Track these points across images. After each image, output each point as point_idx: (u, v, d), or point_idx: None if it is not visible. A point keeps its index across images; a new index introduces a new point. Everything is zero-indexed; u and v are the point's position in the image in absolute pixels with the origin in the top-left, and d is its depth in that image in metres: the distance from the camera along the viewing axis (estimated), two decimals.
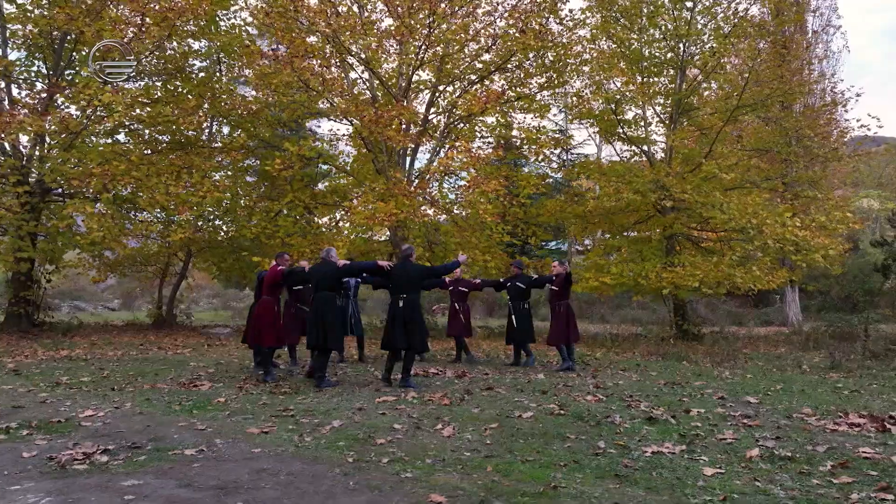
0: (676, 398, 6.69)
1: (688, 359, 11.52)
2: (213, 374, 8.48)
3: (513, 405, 6.13)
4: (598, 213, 15.53)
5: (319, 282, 7.53)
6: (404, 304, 7.31)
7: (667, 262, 14.36)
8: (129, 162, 13.10)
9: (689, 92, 15.64)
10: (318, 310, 7.38)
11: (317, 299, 7.48)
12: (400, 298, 7.34)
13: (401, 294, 7.36)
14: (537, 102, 17.38)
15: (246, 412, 5.64)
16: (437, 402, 6.27)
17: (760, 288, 13.81)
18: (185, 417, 5.37)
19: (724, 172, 13.44)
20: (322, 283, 7.49)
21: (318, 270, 7.67)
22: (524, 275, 10.07)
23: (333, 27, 14.06)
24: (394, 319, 7.30)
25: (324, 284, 7.48)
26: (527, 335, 9.93)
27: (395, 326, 7.24)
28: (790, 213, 13.81)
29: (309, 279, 7.84)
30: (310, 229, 16.84)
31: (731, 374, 9.38)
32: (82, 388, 7.04)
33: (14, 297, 14.91)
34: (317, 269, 7.77)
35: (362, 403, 6.16)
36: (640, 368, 9.91)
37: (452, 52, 15.66)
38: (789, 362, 11.42)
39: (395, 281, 7.50)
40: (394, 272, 7.56)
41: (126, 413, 5.58)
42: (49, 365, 9.16)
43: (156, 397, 6.45)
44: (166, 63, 16.79)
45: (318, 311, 7.38)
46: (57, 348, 11.38)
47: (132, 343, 12.55)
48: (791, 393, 7.32)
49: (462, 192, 14.00)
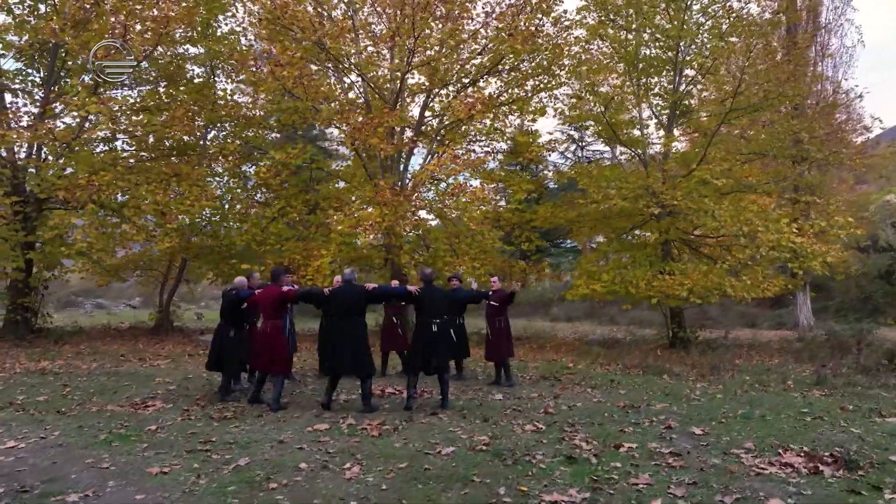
0: (619, 428, 6.46)
1: (670, 372, 11.22)
2: (171, 392, 8.50)
3: (442, 437, 5.98)
4: (592, 218, 15.22)
5: (344, 306, 7.22)
6: (439, 329, 7.36)
7: (658, 270, 14.01)
8: (115, 172, 13.21)
9: (686, 93, 15.20)
10: (340, 335, 7.12)
11: (339, 324, 7.17)
12: (433, 323, 7.34)
13: (433, 319, 7.36)
14: (533, 105, 17.11)
15: (165, 445, 5.59)
16: (369, 431, 6.17)
17: (755, 296, 13.36)
18: (98, 452, 5.34)
19: (716, 178, 13.01)
20: (347, 308, 7.20)
21: (342, 293, 7.33)
22: (462, 289, 9.91)
23: (319, 34, 13.99)
24: (430, 346, 7.27)
25: (350, 310, 7.19)
26: (464, 351, 9.79)
27: (434, 352, 7.28)
28: (787, 220, 13.35)
29: (328, 301, 7.40)
30: (307, 233, 16.84)
31: (703, 392, 9.09)
32: (28, 411, 7.09)
33: (12, 304, 15.22)
34: (340, 291, 7.38)
35: (291, 432, 6.08)
36: (612, 385, 9.67)
37: (443, 55, 15.48)
38: (775, 377, 11.04)
39: (426, 306, 7.44)
40: (422, 296, 7.47)
41: (46, 445, 5.58)
42: (18, 380, 9.29)
43: (92, 423, 6.45)
44: (160, 70, 16.94)
45: (339, 337, 7.12)
46: (39, 359, 11.56)
47: (116, 353, 12.69)
48: (748, 420, 7.03)
49: (445, 198, 13.79)
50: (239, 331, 7.97)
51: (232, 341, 7.87)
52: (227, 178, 17.99)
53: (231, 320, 8.00)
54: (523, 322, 28.86)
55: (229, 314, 8.04)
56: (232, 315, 8.00)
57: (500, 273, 16.72)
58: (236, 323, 7.97)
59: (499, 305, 9.46)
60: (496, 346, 9.44)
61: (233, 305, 7.97)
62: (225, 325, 8.02)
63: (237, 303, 7.91)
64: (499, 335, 9.39)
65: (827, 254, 13.38)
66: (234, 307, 7.95)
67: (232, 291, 8.14)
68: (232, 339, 7.88)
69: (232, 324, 7.98)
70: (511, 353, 9.67)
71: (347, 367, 7.13)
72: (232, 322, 7.98)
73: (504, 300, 9.43)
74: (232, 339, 7.88)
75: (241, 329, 8.00)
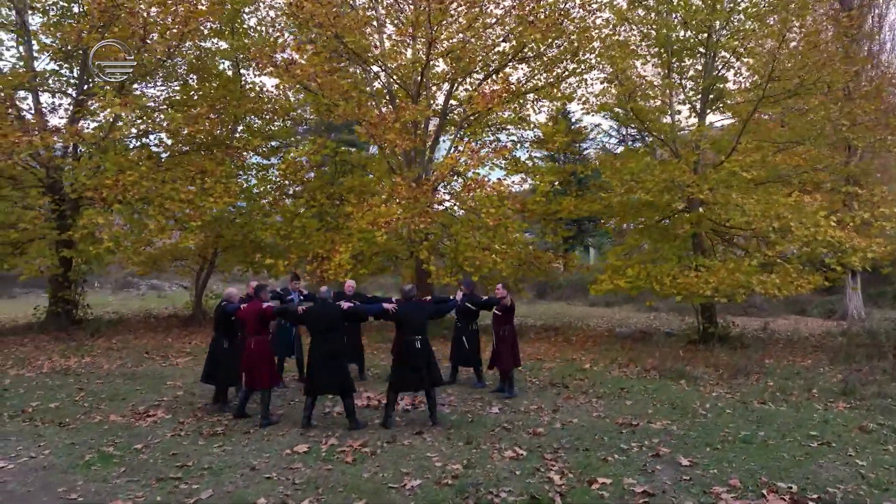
0: (604, 456, 6.25)
1: (689, 376, 10.83)
2: (177, 398, 8.72)
3: (416, 465, 5.91)
4: (617, 211, 14.73)
5: (318, 324, 7.22)
6: (422, 346, 7.27)
7: (685, 265, 13.49)
8: (139, 171, 13.53)
9: (719, 78, 14.40)
10: (320, 356, 7.11)
11: (316, 343, 7.18)
12: (416, 340, 7.27)
13: (415, 336, 7.29)
14: (561, 91, 16.59)
15: (141, 470, 5.72)
16: (345, 456, 6.16)
17: (786, 294, 12.68)
18: (75, 478, 5.50)
19: (746, 171, 12.32)
20: (321, 327, 7.19)
21: (317, 312, 7.31)
22: (474, 294, 9.73)
23: (338, 28, 13.84)
24: (413, 364, 7.19)
25: (325, 328, 7.18)
26: (477, 357, 9.64)
27: (419, 371, 7.18)
28: (824, 213, 12.57)
29: (303, 321, 7.44)
30: (335, 224, 16.91)
31: (714, 404, 8.72)
32: (34, 421, 7.40)
33: (53, 297, 15.96)
34: (315, 310, 7.37)
35: (269, 455, 6.14)
36: (619, 394, 9.40)
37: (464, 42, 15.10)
38: (801, 383, 10.52)
39: (406, 323, 7.36)
40: (402, 314, 7.41)
41: (33, 467, 5.79)
42: (41, 381, 9.73)
43: (85, 439, 6.67)
44: (189, 65, 17.19)
45: (319, 357, 7.12)
46: (70, 355, 12.08)
47: (143, 348, 13.12)
48: (747, 446, 6.69)
49: (462, 192, 13.55)
50: (232, 343, 8.08)
51: (226, 353, 8.00)
52: (255, 171, 18.20)
53: (224, 332, 8.12)
54: (561, 306, 28.54)
55: (222, 326, 8.16)
56: (224, 327, 8.11)
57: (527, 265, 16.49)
58: (229, 335, 8.08)
59: (502, 314, 9.28)
60: (498, 356, 9.27)
61: (224, 318, 8.07)
62: (218, 338, 8.15)
63: (226, 315, 8.01)
64: (502, 345, 9.21)
65: (869, 248, 12.56)
66: (226, 319, 8.05)
67: (223, 303, 8.22)
68: (226, 351, 8.02)
69: (225, 336, 8.10)
70: (516, 363, 9.46)
71: (326, 385, 7.12)
72: (225, 334, 8.10)
73: (505, 309, 9.23)
74: (226, 351, 8.02)
75: (234, 341, 8.10)
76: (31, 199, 14.30)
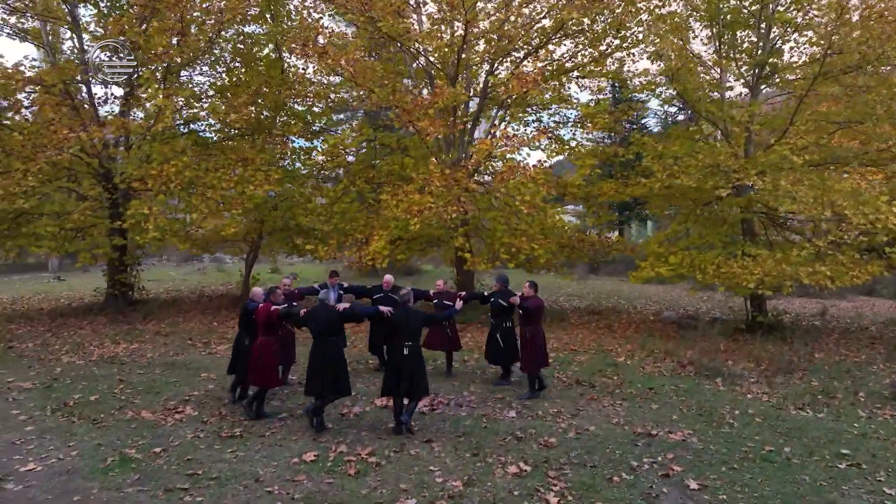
0: (610, 475, 6.10)
1: (726, 374, 10.42)
2: (208, 392, 9.06)
3: (417, 480, 5.94)
4: (659, 195, 14.15)
5: (319, 327, 7.38)
6: (410, 353, 7.25)
7: (731, 252, 12.88)
8: (181, 162, 13.91)
9: (773, 51, 13.47)
10: (320, 356, 7.24)
11: (317, 345, 7.35)
12: (405, 346, 7.26)
13: (405, 342, 7.27)
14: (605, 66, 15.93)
15: (154, 477, 5.98)
16: (353, 465, 6.26)
17: (840, 286, 11.94)
18: (92, 485, 5.80)
19: (797, 154, 11.54)
20: (321, 329, 7.34)
21: (317, 315, 7.46)
22: (509, 291, 9.50)
23: (370, 13, 13.68)
24: (398, 370, 7.20)
25: (323, 330, 7.33)
26: (513, 354, 9.49)
27: (401, 377, 7.17)
28: (885, 198, 11.67)
29: (305, 323, 7.61)
30: (375, 207, 17.00)
31: (744, 411, 8.37)
32: (72, 416, 7.84)
33: (110, 280, 16.81)
34: (315, 312, 7.53)
35: (277, 464, 6.30)
36: (646, 396, 9.15)
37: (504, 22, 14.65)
38: (848, 384, 9.96)
39: (400, 329, 7.34)
40: (396, 319, 7.42)
41: (58, 471, 6.13)
42: (88, 371, 10.30)
43: (113, 439, 7.03)
44: (233, 50, 17.43)
45: (320, 358, 7.24)
46: (120, 341, 12.74)
47: (188, 333, 13.66)
48: (767, 465, 6.39)
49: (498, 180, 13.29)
50: (252, 341, 8.26)
51: (245, 350, 8.23)
52: (299, 154, 18.41)
53: (246, 330, 8.35)
54: (613, 283, 27.94)
55: (245, 324, 8.40)
56: (247, 325, 8.32)
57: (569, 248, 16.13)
58: (250, 332, 8.27)
59: (527, 314, 9.09)
60: (526, 356, 9.13)
61: (246, 315, 8.32)
62: (242, 334, 8.41)
63: (248, 313, 8.25)
64: (525, 346, 9.05)
65: None
66: (248, 317, 8.29)
67: (248, 302, 8.47)
68: (246, 348, 8.25)
69: (247, 332, 8.33)
70: (545, 363, 9.24)
71: (327, 388, 7.21)
72: (247, 331, 8.33)
73: (531, 310, 9.01)
74: (246, 348, 8.25)
75: (255, 339, 8.29)
76: (84, 189, 14.94)
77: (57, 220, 14.11)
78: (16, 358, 11.28)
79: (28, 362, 10.91)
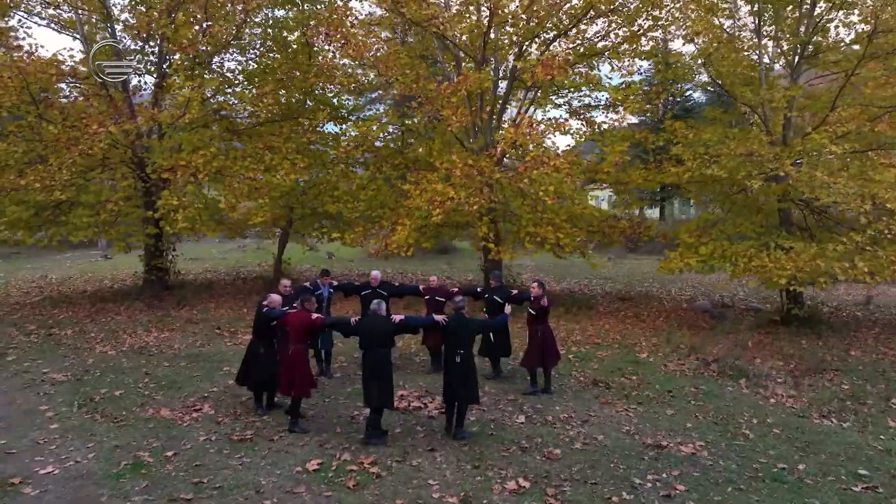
0: (609, 494, 6.02)
1: (752, 374, 10.12)
2: (227, 388, 9.23)
3: (414, 494, 5.98)
4: (690, 182, 13.67)
5: (371, 338, 7.32)
6: (462, 361, 7.33)
7: (764, 243, 12.40)
8: (209, 153, 14.10)
9: (818, 29, 12.70)
10: (374, 368, 7.20)
11: (369, 357, 7.28)
12: (457, 354, 7.34)
13: (458, 350, 7.36)
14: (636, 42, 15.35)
15: (160, 484, 6.17)
16: (353, 476, 6.34)
17: (879, 281, 11.37)
18: (102, 492, 6.04)
19: (835, 143, 10.93)
20: (373, 340, 7.30)
21: (368, 325, 7.44)
22: (503, 287, 9.47)
23: None
24: (455, 374, 7.31)
25: (376, 342, 7.30)
26: (503, 349, 9.47)
27: (458, 381, 7.29)
28: None
29: (356, 333, 7.54)
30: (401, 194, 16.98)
31: (763, 420, 8.12)
32: (95, 414, 8.14)
33: (147, 266, 17.32)
34: (366, 323, 7.51)
35: (280, 473, 6.43)
36: (664, 399, 8.97)
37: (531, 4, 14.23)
38: (882, 388, 9.58)
39: (453, 336, 7.42)
40: (451, 327, 7.46)
41: (74, 475, 6.39)
42: (118, 362, 10.67)
43: (129, 440, 7.28)
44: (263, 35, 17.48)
45: (373, 370, 7.19)
46: (152, 328, 13.17)
47: (217, 321, 13.99)
48: (777, 486, 6.20)
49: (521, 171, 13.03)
50: (269, 348, 8.25)
51: (261, 358, 8.21)
52: (329, 139, 18.45)
53: (261, 337, 8.31)
54: (651, 263, 27.27)
55: (260, 331, 8.32)
56: (262, 332, 8.31)
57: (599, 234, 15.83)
58: (265, 340, 8.28)
59: (536, 314, 9.01)
60: (527, 354, 9.11)
61: (264, 322, 8.27)
62: (256, 341, 8.39)
63: (267, 320, 8.19)
64: (534, 344, 8.99)
65: None
66: (265, 324, 8.25)
67: (264, 307, 8.32)
68: (261, 356, 8.20)
69: (261, 340, 8.29)
70: (555, 361, 9.22)
71: (372, 398, 7.22)
72: (261, 339, 8.31)
73: (539, 310, 8.94)
74: (261, 356, 8.20)
75: (271, 346, 8.26)
76: (118, 180, 15.32)
77: (93, 210, 14.52)
78: (54, 346, 11.76)
79: (64, 351, 11.37)
